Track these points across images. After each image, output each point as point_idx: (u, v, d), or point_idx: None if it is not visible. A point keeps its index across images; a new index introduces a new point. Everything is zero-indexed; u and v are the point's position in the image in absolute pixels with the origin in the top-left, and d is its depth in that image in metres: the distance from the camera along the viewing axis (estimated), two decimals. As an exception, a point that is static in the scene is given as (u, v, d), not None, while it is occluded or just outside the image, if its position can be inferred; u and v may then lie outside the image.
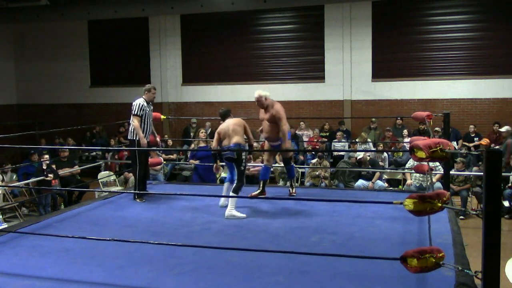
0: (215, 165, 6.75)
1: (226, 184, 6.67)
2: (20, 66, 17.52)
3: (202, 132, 11.35)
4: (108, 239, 4.54)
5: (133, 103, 7.04)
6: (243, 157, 6.28)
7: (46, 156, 11.23)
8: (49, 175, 9.87)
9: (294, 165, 7.91)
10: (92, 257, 4.47)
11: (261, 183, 7.13)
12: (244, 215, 6.06)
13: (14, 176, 12.05)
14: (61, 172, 10.54)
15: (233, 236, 5.20)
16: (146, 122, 7.06)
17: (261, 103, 6.98)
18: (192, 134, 14.65)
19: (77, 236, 4.69)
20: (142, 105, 7.00)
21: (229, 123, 6.46)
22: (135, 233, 5.36)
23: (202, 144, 11.12)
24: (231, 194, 6.18)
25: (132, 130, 7.01)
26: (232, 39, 15.29)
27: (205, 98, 15.63)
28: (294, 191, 7.32)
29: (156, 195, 7.19)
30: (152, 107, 7.28)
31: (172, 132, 15.66)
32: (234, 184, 6.23)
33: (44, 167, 10.08)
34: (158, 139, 7.56)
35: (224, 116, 6.66)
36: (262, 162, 8.79)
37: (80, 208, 6.68)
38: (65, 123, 13.67)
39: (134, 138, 6.99)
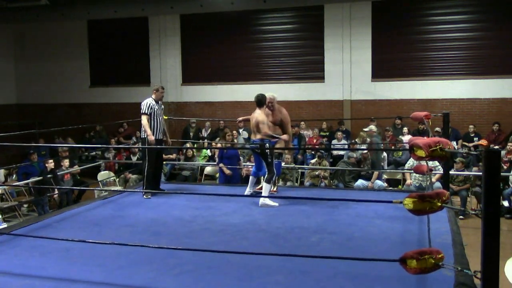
0: None
1: (251, 178, 7.05)
2: (20, 66, 17.53)
3: (228, 135, 11.40)
4: (108, 242, 4.54)
5: (142, 103, 7.24)
6: (267, 151, 6.69)
7: (51, 161, 11.20)
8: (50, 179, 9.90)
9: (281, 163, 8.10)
10: (92, 257, 4.47)
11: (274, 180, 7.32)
12: (277, 204, 6.49)
13: (14, 176, 12.04)
14: (60, 172, 10.54)
15: (233, 236, 5.21)
16: (155, 121, 7.20)
17: (273, 106, 7.12)
18: (191, 134, 14.65)
19: (76, 240, 4.66)
20: (150, 104, 7.17)
21: (257, 118, 6.76)
22: (135, 233, 5.37)
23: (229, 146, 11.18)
24: (264, 184, 6.67)
25: (143, 129, 7.15)
26: (232, 39, 15.30)
27: (205, 98, 15.64)
28: (275, 189, 7.52)
29: (156, 195, 7.20)
30: (162, 106, 7.46)
31: (172, 132, 15.66)
32: (266, 175, 6.66)
33: (49, 170, 10.09)
34: (169, 140, 7.68)
35: (258, 104, 6.87)
36: None
37: (79, 208, 6.68)
38: (65, 123, 13.66)
39: (145, 136, 7.15)
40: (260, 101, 6.85)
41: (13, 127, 15.59)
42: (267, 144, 6.70)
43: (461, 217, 9.43)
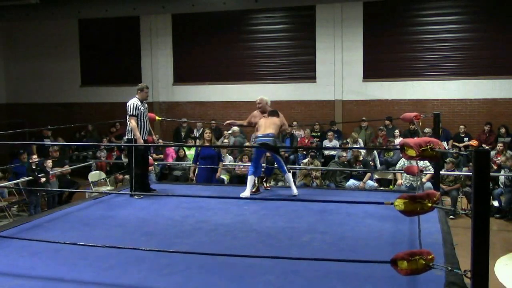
0: None
1: (250, 178, 7.11)
2: (10, 65, 17.38)
3: (206, 133, 11.25)
4: (100, 245, 4.51)
5: (128, 104, 7.16)
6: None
7: (35, 156, 11.13)
8: (41, 178, 9.82)
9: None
10: (82, 257, 4.44)
11: (255, 180, 7.32)
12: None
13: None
14: (51, 172, 10.47)
15: (224, 236, 5.20)
16: (142, 121, 7.18)
17: (264, 108, 7.58)
18: (183, 134, 14.61)
19: (68, 243, 4.63)
20: (136, 105, 7.11)
21: (268, 120, 7.31)
22: (126, 233, 5.35)
23: (207, 145, 11.01)
24: (287, 175, 7.20)
25: (130, 130, 7.13)
26: (223, 39, 15.28)
27: (196, 97, 15.61)
28: (268, 185, 7.90)
29: (146, 195, 7.18)
30: (146, 105, 7.39)
31: (163, 132, 15.62)
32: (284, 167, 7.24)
33: (34, 167, 10.02)
34: (154, 137, 7.66)
35: (271, 114, 7.43)
36: (250, 160, 8.94)
37: (70, 208, 6.65)
38: (56, 123, 13.59)
39: (132, 137, 7.12)
40: (271, 113, 7.43)
41: (2, 127, 15.47)
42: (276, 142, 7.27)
43: (451, 217, 9.47)
